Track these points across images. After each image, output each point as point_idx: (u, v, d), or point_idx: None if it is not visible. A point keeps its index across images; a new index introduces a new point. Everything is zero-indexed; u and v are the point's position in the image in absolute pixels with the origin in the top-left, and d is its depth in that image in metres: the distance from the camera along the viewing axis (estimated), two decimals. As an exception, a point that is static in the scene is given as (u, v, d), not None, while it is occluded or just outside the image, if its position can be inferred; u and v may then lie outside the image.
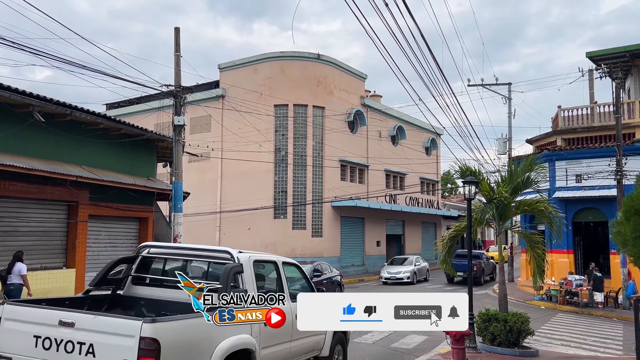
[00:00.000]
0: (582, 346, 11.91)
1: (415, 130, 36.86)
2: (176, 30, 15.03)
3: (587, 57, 23.41)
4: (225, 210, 27.57)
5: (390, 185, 34.17)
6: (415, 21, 9.14)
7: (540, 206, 11.88)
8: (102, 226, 13.82)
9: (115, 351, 4.55)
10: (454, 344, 8.54)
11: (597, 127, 22.59)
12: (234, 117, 26.50)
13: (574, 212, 20.86)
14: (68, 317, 4.83)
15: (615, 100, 19.26)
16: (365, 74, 32.09)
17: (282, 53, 28.13)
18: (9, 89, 10.46)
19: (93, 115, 12.68)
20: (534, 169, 11.95)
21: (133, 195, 14.02)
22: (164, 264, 6.81)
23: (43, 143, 11.96)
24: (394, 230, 34.79)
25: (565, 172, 20.79)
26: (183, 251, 6.94)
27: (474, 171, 11.81)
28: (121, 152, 14.17)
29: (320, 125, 28.18)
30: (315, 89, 28.09)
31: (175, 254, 6.82)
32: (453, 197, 54.54)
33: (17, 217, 11.56)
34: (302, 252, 27.02)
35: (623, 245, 9.71)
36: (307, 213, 27.35)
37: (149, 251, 6.79)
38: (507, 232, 27.69)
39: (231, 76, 28.75)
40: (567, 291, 18.38)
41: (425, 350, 10.74)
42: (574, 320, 16.02)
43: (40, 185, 11.55)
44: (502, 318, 10.38)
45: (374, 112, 32.27)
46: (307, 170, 27.44)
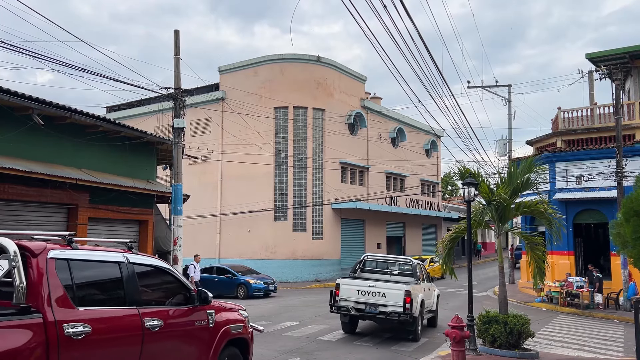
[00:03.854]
0: (583, 348, 11.87)
1: (415, 132, 36.87)
2: (176, 33, 15.04)
3: (587, 59, 23.43)
4: (226, 213, 27.57)
5: (390, 187, 34.17)
6: (414, 23, 9.14)
7: (539, 208, 11.87)
8: (102, 229, 13.80)
9: (396, 295, 11.46)
10: (454, 346, 8.52)
11: (597, 128, 22.59)
12: (234, 119, 26.53)
13: (575, 214, 20.84)
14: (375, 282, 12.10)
15: (615, 102, 19.25)
16: (365, 76, 32.13)
17: (282, 55, 28.16)
18: (8, 91, 10.46)
19: (92, 118, 12.67)
20: (534, 170, 11.93)
21: (133, 198, 14.01)
22: (376, 264, 14.18)
23: (42, 146, 11.96)
24: (394, 232, 34.77)
25: (565, 173, 20.78)
26: (385, 257, 15.05)
27: (473, 173, 11.79)
28: (121, 155, 14.17)
29: (321, 127, 28.19)
30: (315, 91, 28.11)
31: (381, 259, 14.53)
32: (453, 198, 54.49)
33: (17, 220, 11.55)
34: (303, 255, 27.01)
35: (623, 246, 9.70)
36: (308, 215, 27.34)
37: (367, 257, 14.16)
38: (508, 233, 27.67)
39: (231, 79, 28.78)
40: (568, 293, 18.35)
41: (425, 352, 10.72)
42: (575, 321, 15.99)
43: (39, 188, 11.54)
44: (503, 320, 10.36)
45: (374, 114, 32.29)
46: (307, 173, 27.44)
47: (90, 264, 4.87)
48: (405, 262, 14.00)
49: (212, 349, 5.92)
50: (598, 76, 24.06)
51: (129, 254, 5.31)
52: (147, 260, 5.63)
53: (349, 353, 10.42)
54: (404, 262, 14.06)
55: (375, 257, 14.52)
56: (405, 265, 13.75)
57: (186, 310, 5.73)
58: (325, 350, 10.55)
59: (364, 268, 13.80)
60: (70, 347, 4.18)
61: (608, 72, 22.85)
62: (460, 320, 8.63)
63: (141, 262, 5.46)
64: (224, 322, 6.20)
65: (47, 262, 4.31)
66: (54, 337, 4.07)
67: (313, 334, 12.24)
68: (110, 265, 5.04)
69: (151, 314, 5.16)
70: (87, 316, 4.45)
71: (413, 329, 11.68)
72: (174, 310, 5.60)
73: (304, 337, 11.74)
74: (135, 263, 5.31)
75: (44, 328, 4.02)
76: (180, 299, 5.82)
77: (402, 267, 13.81)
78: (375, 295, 11.59)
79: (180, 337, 5.59)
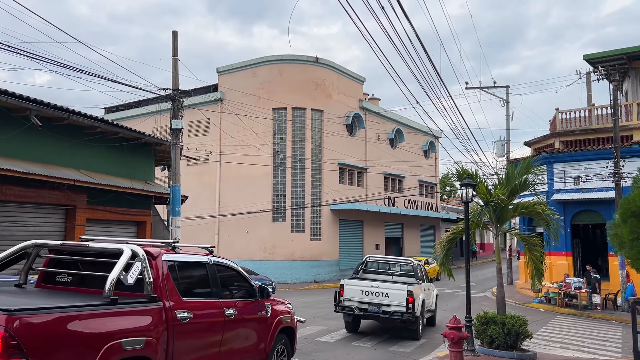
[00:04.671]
0: (581, 349, 11.89)
1: (413, 133, 36.89)
2: (174, 34, 15.03)
3: (585, 60, 23.45)
4: (224, 214, 27.54)
5: (389, 188, 34.18)
6: (412, 24, 9.16)
7: (537, 208, 11.89)
8: (100, 230, 13.78)
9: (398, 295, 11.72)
10: (452, 347, 8.53)
11: (595, 129, 22.62)
12: (233, 120, 26.52)
13: (573, 215, 20.87)
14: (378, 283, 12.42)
15: (612, 103, 19.30)
16: (363, 77, 32.15)
17: (281, 56, 28.16)
18: (6, 92, 10.44)
19: (90, 119, 12.66)
20: (531, 171, 11.96)
21: (131, 199, 14.00)
22: (378, 264, 14.49)
23: (40, 147, 11.94)
24: (392, 233, 34.79)
25: (563, 174, 20.81)
26: (387, 258, 15.51)
27: (471, 174, 11.82)
28: (119, 156, 14.16)
29: (319, 128, 28.20)
30: (313, 92, 28.12)
31: (383, 260, 14.87)
32: (452, 199, 54.52)
33: (15, 222, 11.53)
34: (301, 256, 26.99)
35: (620, 247, 9.73)
36: (306, 216, 27.33)
37: (369, 258, 14.46)
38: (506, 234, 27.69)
39: (230, 79, 28.78)
40: (566, 293, 18.38)
41: (423, 353, 10.73)
42: (573, 322, 16.01)
43: (37, 189, 11.53)
44: (500, 321, 10.37)
45: (372, 115, 32.31)
46: (305, 174, 27.44)
47: (188, 264, 6.12)
48: (406, 263, 14.27)
49: (269, 334, 7.16)
50: (596, 77, 24.07)
51: (211, 257, 6.58)
52: (223, 262, 6.85)
53: (348, 354, 10.42)
54: (405, 263, 14.33)
55: (377, 258, 14.88)
56: (406, 266, 14.03)
57: (251, 302, 6.95)
58: (323, 351, 10.55)
59: (366, 269, 14.13)
60: (179, 327, 5.42)
61: (606, 73, 22.88)
62: (458, 321, 8.64)
63: (219, 262, 6.70)
64: (278, 313, 7.43)
65: (162, 264, 5.52)
66: (170, 319, 5.31)
67: (311, 335, 12.23)
68: (201, 265, 6.33)
69: (228, 305, 6.39)
70: (189, 305, 5.66)
71: (415, 327, 12.01)
72: (243, 302, 6.78)
73: (302, 338, 11.72)
74: (215, 263, 6.56)
75: (164, 312, 5.26)
76: (246, 293, 6.98)
77: (403, 268, 14.10)
78: (378, 296, 11.92)
79: (248, 324, 6.77)
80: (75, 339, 4.30)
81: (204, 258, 6.43)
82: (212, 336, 6.01)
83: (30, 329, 3.95)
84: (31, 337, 3.94)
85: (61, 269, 5.88)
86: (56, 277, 5.86)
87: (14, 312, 3.89)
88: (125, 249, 5.20)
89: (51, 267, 5.91)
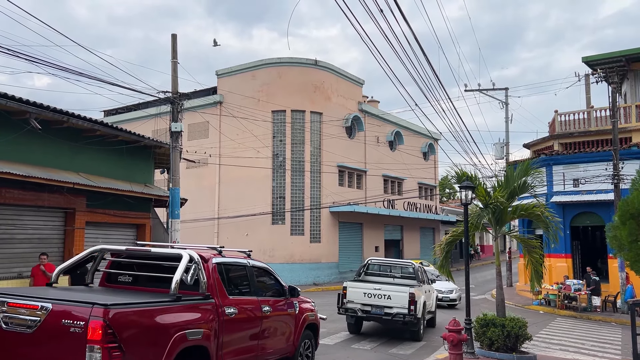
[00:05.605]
0: (581, 351, 11.89)
1: (412, 135, 36.90)
2: (173, 37, 15.05)
3: (584, 62, 23.49)
4: (223, 217, 27.52)
5: (388, 191, 34.17)
6: (410, 26, 9.18)
7: (536, 210, 11.90)
8: (99, 233, 13.77)
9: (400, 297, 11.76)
10: (451, 349, 8.53)
11: (594, 131, 22.64)
12: (232, 123, 26.51)
13: (572, 217, 20.88)
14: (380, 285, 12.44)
15: (611, 105, 19.33)
16: (362, 79, 32.18)
17: (280, 59, 28.19)
18: (5, 96, 10.44)
19: (90, 122, 12.66)
20: (530, 173, 11.98)
21: (130, 202, 13.99)
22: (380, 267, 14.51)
23: (40, 150, 11.94)
24: (392, 236, 34.76)
25: (562, 176, 20.83)
26: (388, 261, 15.35)
27: (470, 176, 11.84)
28: (118, 159, 14.15)
29: (318, 130, 28.20)
30: (312, 94, 28.14)
31: (384, 262, 14.91)
32: (451, 202, 54.51)
33: (14, 225, 11.52)
34: (301, 258, 26.98)
35: (619, 249, 9.73)
36: (305, 219, 27.32)
37: (371, 261, 14.59)
38: (506, 236, 27.68)
39: (229, 82, 28.80)
40: (566, 296, 18.37)
41: (423, 355, 10.72)
42: (573, 324, 16.01)
43: (36, 193, 11.53)
44: (500, 323, 10.36)
45: (371, 117, 32.33)
46: (305, 176, 27.43)
47: (232, 266, 6.91)
48: (407, 266, 14.38)
49: (297, 330, 7.97)
50: (594, 79, 24.06)
51: (249, 259, 7.39)
52: (259, 264, 7.62)
53: (347, 357, 10.41)
54: (406, 266, 14.44)
55: (379, 261, 15.07)
56: (408, 269, 14.15)
57: (282, 300, 7.74)
58: (323, 354, 10.53)
59: (368, 271, 14.29)
60: (227, 322, 6.19)
61: (604, 75, 22.90)
62: (457, 323, 8.64)
63: (256, 265, 7.48)
64: (304, 310, 8.23)
65: (213, 266, 6.30)
66: (220, 315, 6.10)
67: (311, 337, 12.21)
68: (242, 267, 7.14)
69: (264, 302, 7.15)
70: (234, 302, 6.44)
71: (417, 329, 12.19)
72: (275, 300, 7.54)
73: (302, 341, 11.71)
74: (253, 265, 7.35)
75: (215, 308, 6.04)
76: (278, 292, 7.77)
77: (404, 271, 14.22)
78: (381, 298, 12.09)
79: (280, 320, 7.55)
80: (153, 328, 5.08)
81: (244, 260, 7.24)
82: (252, 329, 6.76)
83: (121, 320, 4.70)
84: (122, 326, 4.69)
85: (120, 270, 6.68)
86: (118, 278, 6.66)
87: (110, 306, 4.63)
88: (184, 253, 5.91)
89: (114, 268, 6.75)
